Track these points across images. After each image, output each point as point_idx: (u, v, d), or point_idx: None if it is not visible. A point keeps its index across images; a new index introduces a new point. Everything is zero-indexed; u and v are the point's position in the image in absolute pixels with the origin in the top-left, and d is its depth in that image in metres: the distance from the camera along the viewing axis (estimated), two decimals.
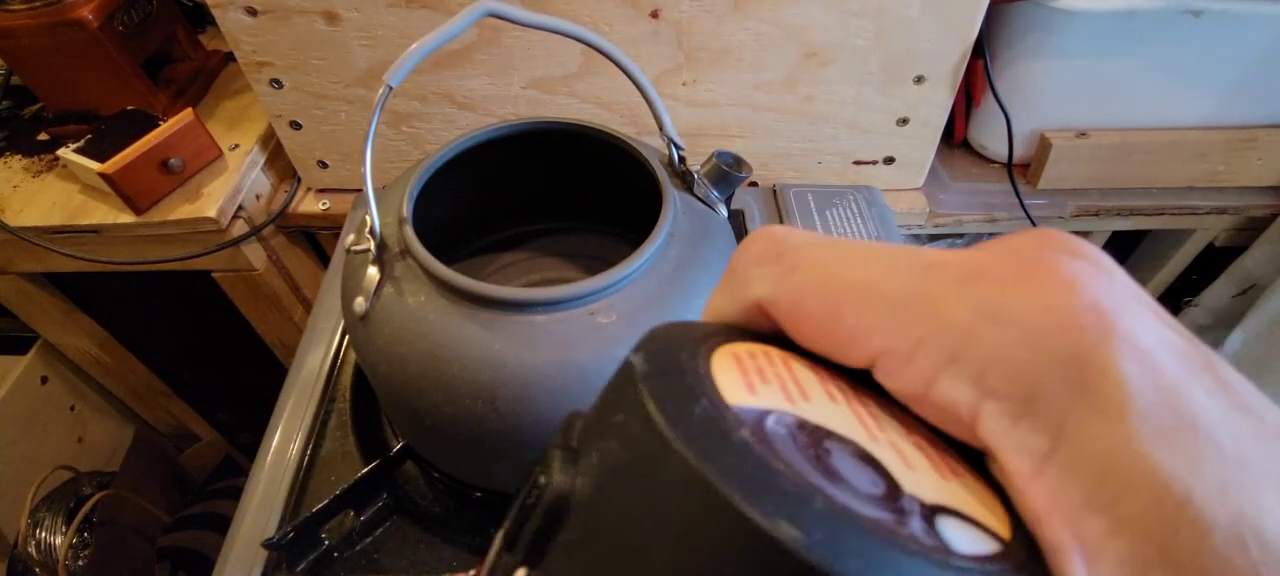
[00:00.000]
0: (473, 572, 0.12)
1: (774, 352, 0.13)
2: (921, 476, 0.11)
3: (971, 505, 0.10)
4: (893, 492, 0.10)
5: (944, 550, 0.09)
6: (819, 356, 0.13)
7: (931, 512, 0.10)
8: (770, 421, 0.10)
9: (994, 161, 0.74)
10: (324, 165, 0.70)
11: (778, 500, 0.08)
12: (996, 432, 0.10)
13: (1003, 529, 0.10)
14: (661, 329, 0.12)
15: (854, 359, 0.12)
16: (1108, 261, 0.11)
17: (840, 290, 0.12)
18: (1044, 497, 0.10)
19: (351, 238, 0.38)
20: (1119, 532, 0.09)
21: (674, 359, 0.11)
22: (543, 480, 0.11)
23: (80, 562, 0.84)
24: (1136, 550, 0.09)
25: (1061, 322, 0.10)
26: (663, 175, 0.41)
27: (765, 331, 0.13)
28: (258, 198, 0.72)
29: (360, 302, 0.37)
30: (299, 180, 0.73)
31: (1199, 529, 0.09)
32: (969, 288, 0.11)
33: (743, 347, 0.12)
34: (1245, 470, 0.09)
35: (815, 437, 0.10)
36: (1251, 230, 0.74)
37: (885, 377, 0.11)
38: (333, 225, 0.73)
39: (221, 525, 0.91)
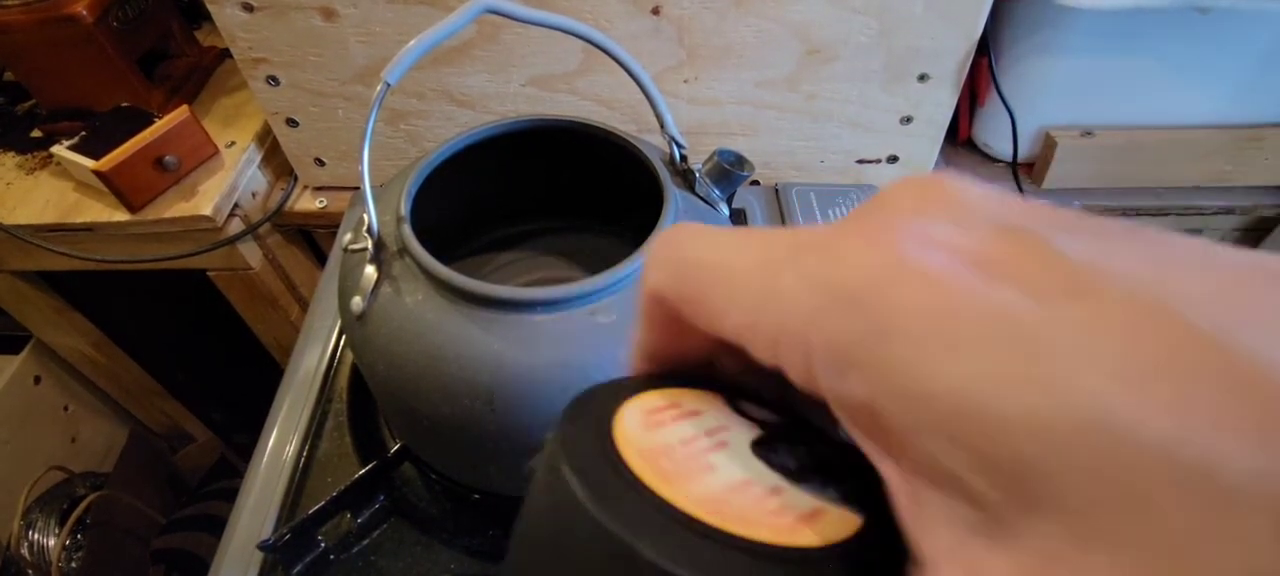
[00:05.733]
0: None
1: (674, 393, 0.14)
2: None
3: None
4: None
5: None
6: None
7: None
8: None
9: (998, 160, 0.73)
10: (321, 163, 0.69)
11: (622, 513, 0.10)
12: (830, 392, 0.10)
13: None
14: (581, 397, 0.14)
15: (729, 336, 0.12)
16: (934, 191, 0.11)
17: (705, 274, 0.12)
18: (869, 445, 0.10)
19: (349, 236, 0.38)
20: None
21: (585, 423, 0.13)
22: None
23: (73, 564, 0.84)
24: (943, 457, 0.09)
25: (855, 278, 0.10)
26: (664, 173, 0.40)
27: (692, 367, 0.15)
28: (254, 196, 0.71)
29: (357, 302, 0.36)
30: (296, 178, 0.72)
31: (1004, 425, 0.08)
32: (799, 257, 0.11)
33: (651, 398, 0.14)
34: (1050, 357, 0.08)
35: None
36: (1259, 230, 0.73)
37: (755, 355, 0.12)
38: (330, 224, 0.72)
39: (217, 527, 0.90)
